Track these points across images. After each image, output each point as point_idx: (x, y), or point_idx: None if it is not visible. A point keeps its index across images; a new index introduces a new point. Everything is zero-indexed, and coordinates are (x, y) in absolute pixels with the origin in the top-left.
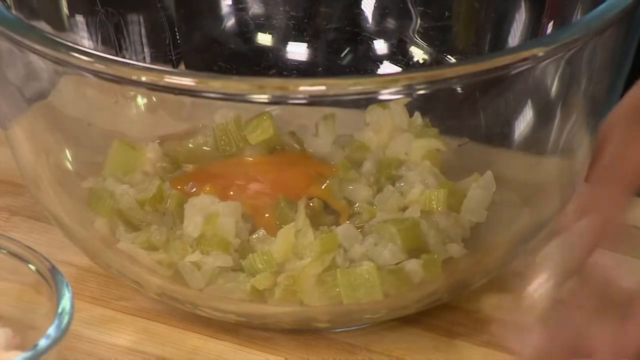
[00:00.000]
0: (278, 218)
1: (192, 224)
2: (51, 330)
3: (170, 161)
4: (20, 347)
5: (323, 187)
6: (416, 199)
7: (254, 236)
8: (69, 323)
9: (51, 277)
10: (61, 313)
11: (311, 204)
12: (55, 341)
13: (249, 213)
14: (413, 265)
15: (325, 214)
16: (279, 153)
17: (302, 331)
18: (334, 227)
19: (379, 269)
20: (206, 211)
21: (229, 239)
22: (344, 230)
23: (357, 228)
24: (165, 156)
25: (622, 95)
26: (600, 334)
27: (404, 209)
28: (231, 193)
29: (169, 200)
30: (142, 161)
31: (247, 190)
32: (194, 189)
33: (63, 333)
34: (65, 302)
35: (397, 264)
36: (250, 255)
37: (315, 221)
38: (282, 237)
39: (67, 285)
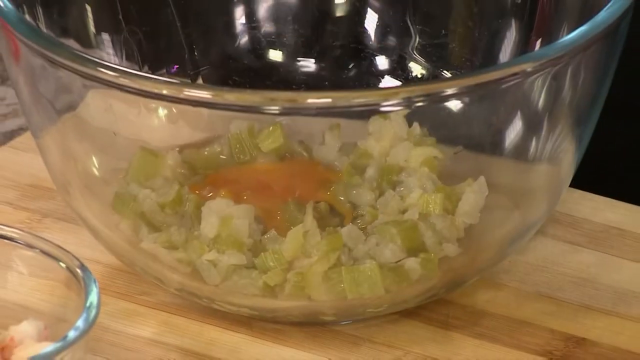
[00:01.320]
0: (288, 220)
1: (209, 225)
2: (80, 323)
3: (188, 168)
4: (51, 338)
5: (329, 191)
6: (415, 202)
7: (265, 236)
8: (96, 316)
9: (80, 274)
10: (89, 307)
11: (318, 208)
12: (84, 333)
13: (261, 215)
14: (412, 263)
15: (331, 216)
16: (288, 160)
17: (310, 324)
18: (339, 228)
19: (380, 267)
20: (222, 214)
21: (243, 239)
22: (348, 231)
23: (361, 229)
24: (184, 163)
25: (605, 106)
26: None
27: (404, 211)
28: (245, 197)
29: (188, 203)
30: (163, 168)
31: (259, 195)
32: (211, 193)
33: (91, 325)
34: (93, 297)
35: (397, 262)
36: (262, 253)
37: (322, 223)
38: (292, 237)
39: (94, 282)
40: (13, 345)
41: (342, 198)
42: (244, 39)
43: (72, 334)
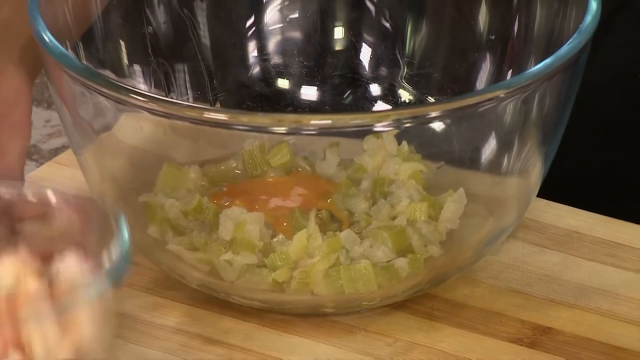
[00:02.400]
0: (293, 225)
1: (226, 230)
2: (114, 256)
3: (208, 180)
4: (92, 270)
5: (329, 201)
6: (403, 210)
7: (274, 240)
8: (129, 251)
9: (114, 216)
10: (123, 243)
11: (320, 215)
12: (120, 267)
13: (270, 221)
14: (401, 263)
15: (331, 222)
16: (294, 174)
17: (313, 315)
18: (338, 232)
19: (373, 266)
20: (236, 220)
21: (255, 242)
22: (346, 235)
23: (356, 233)
24: (204, 176)
25: (567, 127)
26: None
27: (394, 218)
28: (256, 206)
29: (207, 211)
30: (186, 180)
31: (269, 204)
32: (227, 203)
33: (125, 258)
34: (124, 235)
35: (388, 261)
36: (272, 254)
37: (323, 228)
38: (297, 240)
39: (126, 225)
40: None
41: (340, 206)
42: (256, 70)
43: (108, 266)
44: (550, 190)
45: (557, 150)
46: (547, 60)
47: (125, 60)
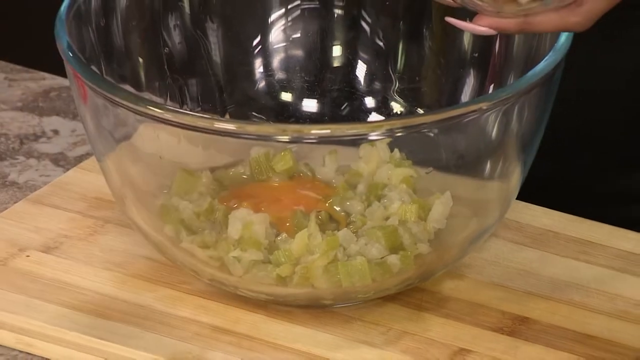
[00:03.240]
0: (296, 225)
1: (234, 230)
2: None
3: (218, 185)
4: None
5: (328, 203)
6: (395, 211)
7: (278, 238)
8: None
9: None
10: None
11: (320, 216)
12: None
13: (275, 222)
14: (393, 259)
15: (330, 223)
16: (297, 179)
17: (313, 307)
18: (336, 231)
19: (368, 262)
20: (244, 220)
21: (261, 240)
22: (343, 234)
23: (353, 232)
24: (215, 181)
25: (543, 137)
26: None
27: (387, 218)
28: (262, 208)
29: (218, 212)
30: (198, 184)
31: (273, 206)
32: (236, 205)
33: None
34: None
35: (381, 258)
36: (276, 252)
37: (322, 227)
38: (299, 239)
39: None
40: None
41: (338, 208)
42: (262, 84)
43: None
44: (529, 193)
45: (535, 157)
46: (526, 76)
47: (144, 76)
